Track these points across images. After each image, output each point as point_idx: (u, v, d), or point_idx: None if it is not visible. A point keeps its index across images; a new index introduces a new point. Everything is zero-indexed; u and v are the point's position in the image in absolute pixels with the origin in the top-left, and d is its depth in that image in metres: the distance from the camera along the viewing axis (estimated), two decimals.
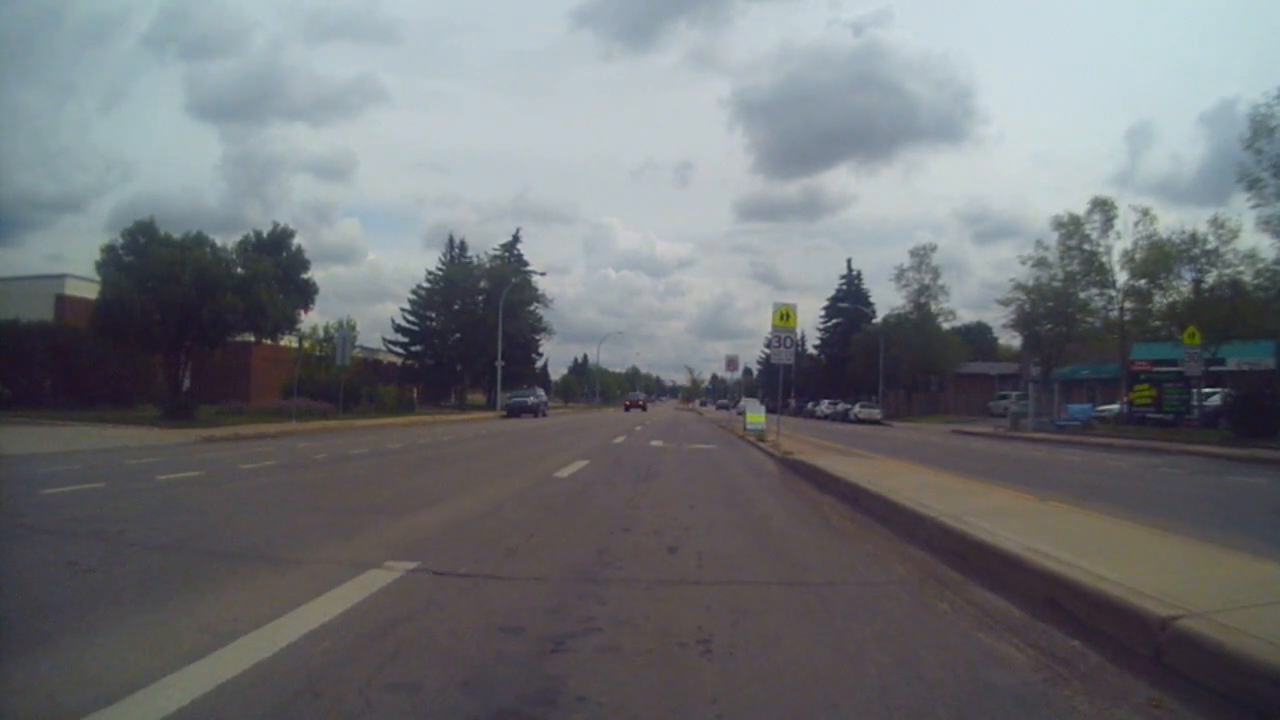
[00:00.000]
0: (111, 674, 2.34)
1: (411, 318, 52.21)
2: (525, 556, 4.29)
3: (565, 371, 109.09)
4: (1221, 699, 2.21)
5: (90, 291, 22.02)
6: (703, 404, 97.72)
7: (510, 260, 55.53)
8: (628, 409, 59.82)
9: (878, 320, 58.21)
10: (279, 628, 2.79)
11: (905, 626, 3.04)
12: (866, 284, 69.67)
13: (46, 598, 3.29)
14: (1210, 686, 2.27)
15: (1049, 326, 32.58)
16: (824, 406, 52.40)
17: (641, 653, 2.65)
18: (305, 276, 23.52)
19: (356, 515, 5.72)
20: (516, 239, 58.83)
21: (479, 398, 51.85)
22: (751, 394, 51.98)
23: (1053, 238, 31.38)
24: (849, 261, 75.67)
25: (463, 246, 57.69)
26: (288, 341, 25.12)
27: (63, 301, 25.84)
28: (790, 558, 4.58)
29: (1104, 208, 29.81)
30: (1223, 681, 2.24)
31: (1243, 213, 23.91)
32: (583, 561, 4.17)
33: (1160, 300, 27.52)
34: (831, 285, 74.51)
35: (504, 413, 36.28)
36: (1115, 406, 30.39)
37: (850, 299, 66.22)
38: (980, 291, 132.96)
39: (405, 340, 51.80)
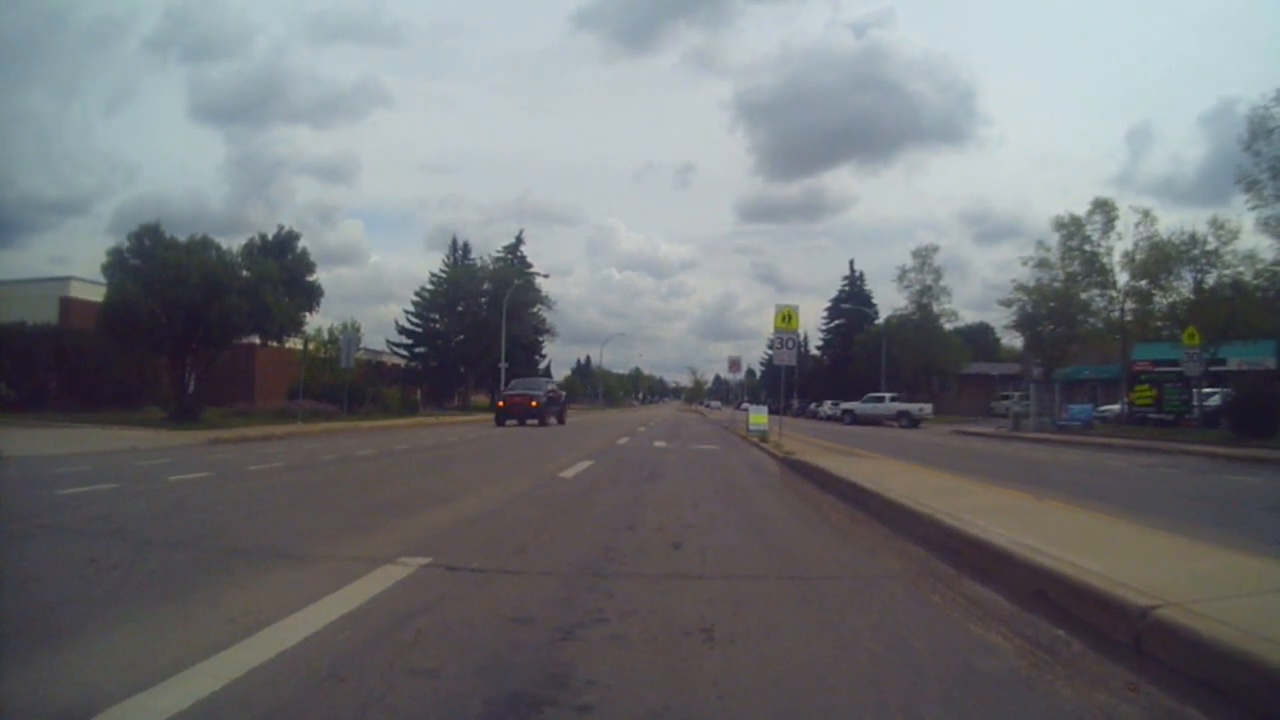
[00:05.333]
0: (144, 662, 2.46)
1: (415, 319, 52.44)
2: (534, 553, 4.43)
3: (568, 373, 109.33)
4: (1194, 683, 2.33)
5: (95, 294, 22.21)
6: (701, 403, 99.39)
7: (513, 262, 55.71)
8: (504, 413, 25.12)
9: (880, 321, 58.37)
10: (301, 619, 2.91)
11: (898, 617, 3.17)
12: (869, 285, 69.92)
13: (74, 593, 3.42)
14: (1184, 671, 2.40)
15: (1050, 327, 32.69)
16: (826, 407, 52.49)
17: (647, 641, 2.78)
18: (310, 279, 23.70)
19: (368, 514, 5.86)
20: (519, 240, 59.07)
21: (483, 399, 51.99)
22: (754, 395, 52.13)
23: (1054, 238, 31.58)
24: (851, 262, 75.69)
25: (466, 248, 58.06)
26: (292, 344, 25.29)
27: (68, 304, 26.02)
28: (790, 553, 4.72)
29: (1105, 208, 29.98)
30: (1196, 666, 2.37)
31: (1242, 214, 24.06)
32: (589, 557, 4.30)
33: (1161, 301, 27.63)
34: (834, 286, 74.74)
35: None
36: (1116, 407, 30.49)
37: (852, 300, 66.37)
38: (982, 292, 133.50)
39: (409, 342, 52.04)
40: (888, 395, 40.46)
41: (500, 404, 26.11)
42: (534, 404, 25.21)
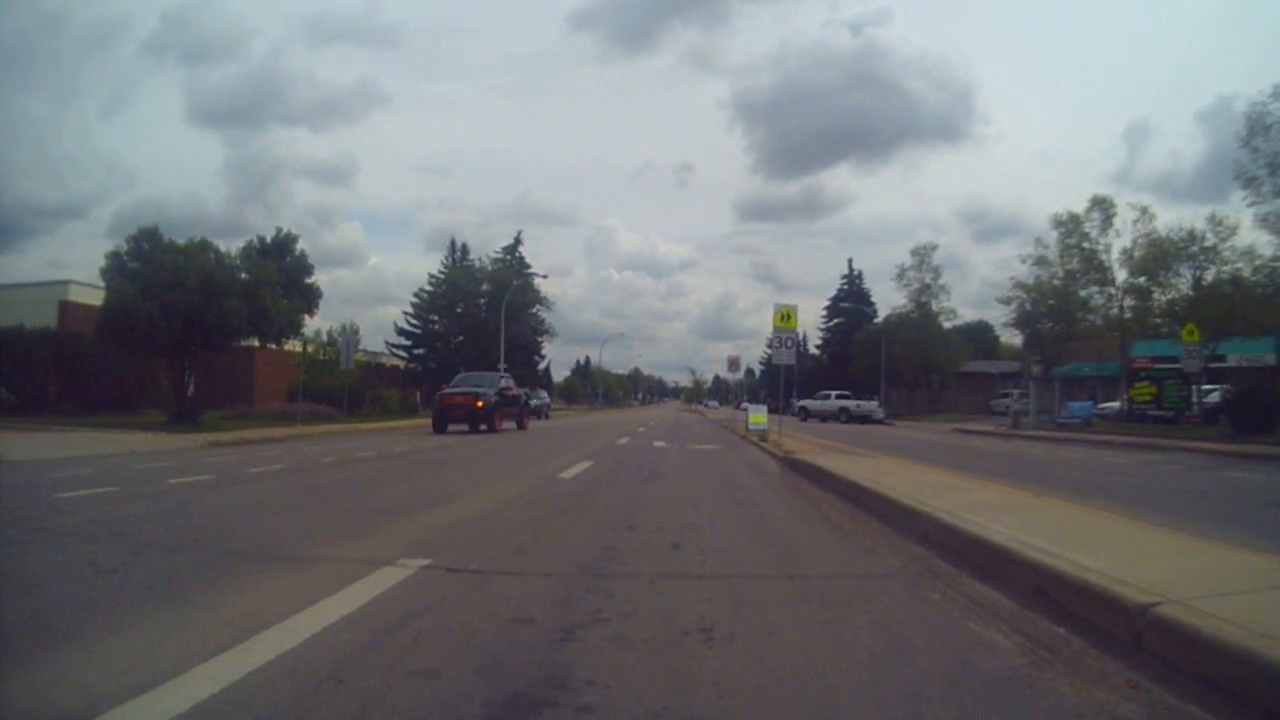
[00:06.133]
0: (143, 665, 2.45)
1: (414, 321, 52.37)
2: (533, 553, 4.42)
3: (568, 373, 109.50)
4: (1195, 680, 2.33)
5: (94, 298, 22.19)
6: (700, 403, 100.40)
7: (512, 263, 55.62)
8: (442, 416, 19.88)
9: (879, 319, 58.31)
10: (300, 621, 2.91)
11: (898, 616, 3.17)
12: (868, 283, 69.88)
13: (73, 597, 3.41)
14: (1185, 669, 2.40)
15: (1050, 325, 32.71)
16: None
17: (647, 641, 2.78)
18: (309, 281, 23.69)
19: (367, 516, 5.86)
20: (518, 241, 58.98)
21: None
22: (754, 395, 52.30)
23: (1052, 236, 31.60)
24: (850, 261, 76.07)
25: (464, 249, 58.01)
26: (291, 346, 25.27)
27: (67, 308, 25.99)
28: (790, 552, 4.72)
29: (1103, 206, 29.98)
30: (1197, 664, 2.37)
31: (1240, 210, 24.07)
32: (589, 558, 4.30)
33: (1160, 297, 27.64)
34: (832, 285, 74.83)
35: None
36: (1116, 404, 30.49)
37: (851, 298, 66.33)
38: (981, 290, 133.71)
39: (408, 344, 51.95)
40: (834, 393, 43.27)
41: (442, 402, 20.25)
42: (479, 405, 19.63)
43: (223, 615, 3.03)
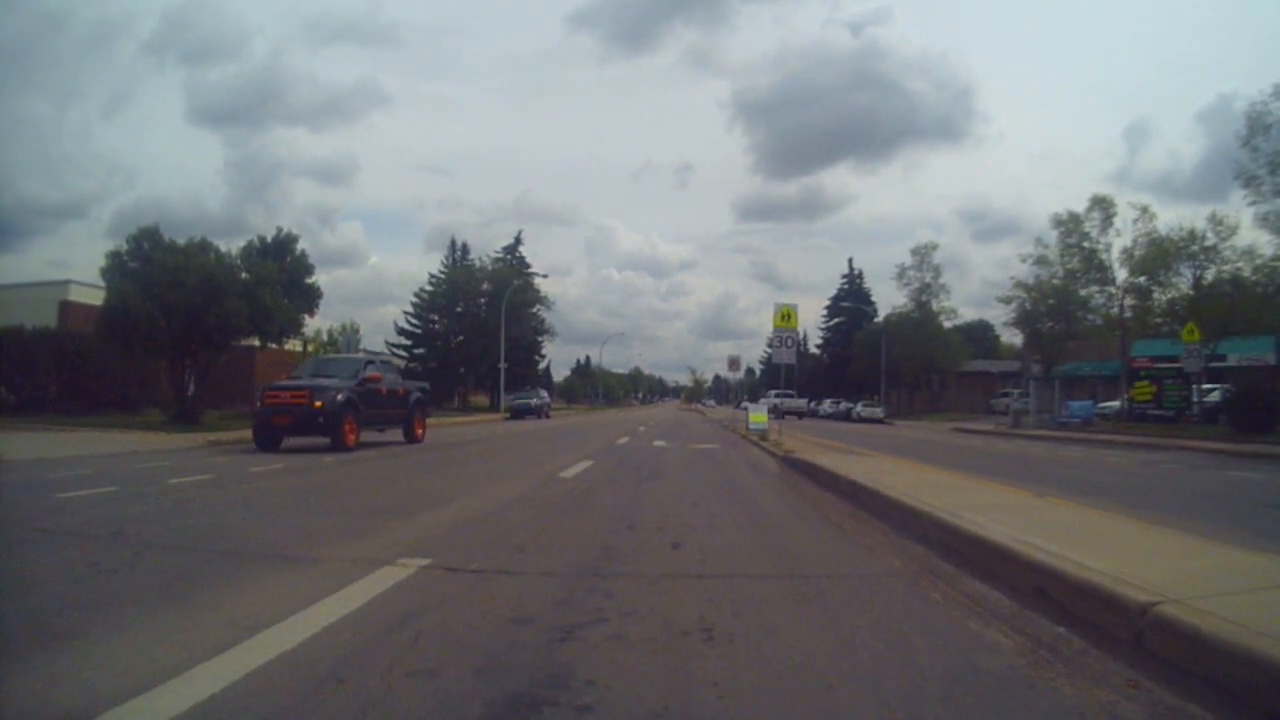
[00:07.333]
0: (144, 665, 2.45)
1: (414, 320, 52.49)
2: (534, 553, 4.42)
3: (568, 373, 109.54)
4: (1196, 679, 2.33)
5: (94, 297, 22.18)
6: (700, 403, 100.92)
7: (512, 262, 55.76)
8: (265, 423, 12.81)
9: (879, 319, 58.36)
10: (300, 621, 2.90)
11: (899, 615, 3.16)
12: (868, 283, 70.07)
13: (74, 597, 3.40)
14: (1185, 668, 2.40)
15: (1050, 324, 32.73)
16: (826, 405, 52.51)
17: (647, 641, 2.78)
18: (309, 281, 23.69)
19: (367, 515, 5.86)
20: (518, 241, 59.19)
21: (482, 400, 52.03)
22: (754, 394, 52.45)
23: (1052, 235, 31.61)
24: (850, 260, 76.09)
25: (465, 249, 58.16)
26: (292, 345, 25.26)
27: (67, 307, 25.96)
28: (790, 552, 4.72)
29: (1103, 205, 29.95)
30: (1197, 663, 2.37)
31: (1240, 209, 24.08)
32: (589, 557, 4.30)
33: (1160, 297, 27.61)
34: (833, 284, 75.04)
35: (508, 415, 36.48)
36: (1116, 403, 30.48)
37: (852, 298, 66.39)
38: (981, 289, 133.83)
39: (408, 343, 52.10)
40: (773, 392, 44.52)
41: (259, 404, 13.50)
42: (316, 404, 12.75)
43: (223, 615, 3.02)
